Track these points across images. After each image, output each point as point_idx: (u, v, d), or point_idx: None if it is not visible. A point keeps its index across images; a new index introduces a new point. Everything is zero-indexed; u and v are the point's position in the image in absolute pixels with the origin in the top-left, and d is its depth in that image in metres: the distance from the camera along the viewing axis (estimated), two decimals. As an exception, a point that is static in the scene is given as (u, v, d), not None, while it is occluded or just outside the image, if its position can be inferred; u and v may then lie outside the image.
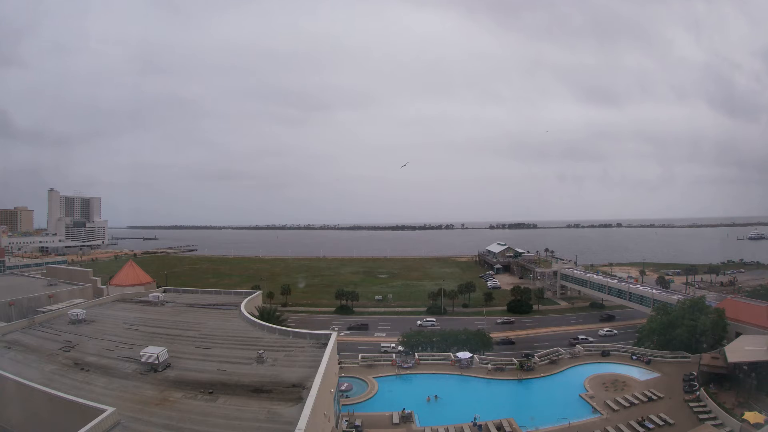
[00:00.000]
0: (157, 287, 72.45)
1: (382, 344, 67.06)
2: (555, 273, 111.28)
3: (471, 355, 56.43)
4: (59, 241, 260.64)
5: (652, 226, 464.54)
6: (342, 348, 54.70)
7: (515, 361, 55.41)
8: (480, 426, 40.27)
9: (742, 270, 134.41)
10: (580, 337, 69.53)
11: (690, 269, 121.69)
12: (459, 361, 55.28)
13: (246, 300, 56.59)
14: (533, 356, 56.93)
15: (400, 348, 62.47)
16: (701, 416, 40.85)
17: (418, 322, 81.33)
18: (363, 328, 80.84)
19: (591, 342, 65.87)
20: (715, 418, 40.20)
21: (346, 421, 40.00)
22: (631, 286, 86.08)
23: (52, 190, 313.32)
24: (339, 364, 47.11)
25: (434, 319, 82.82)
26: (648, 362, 54.84)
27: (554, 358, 57.27)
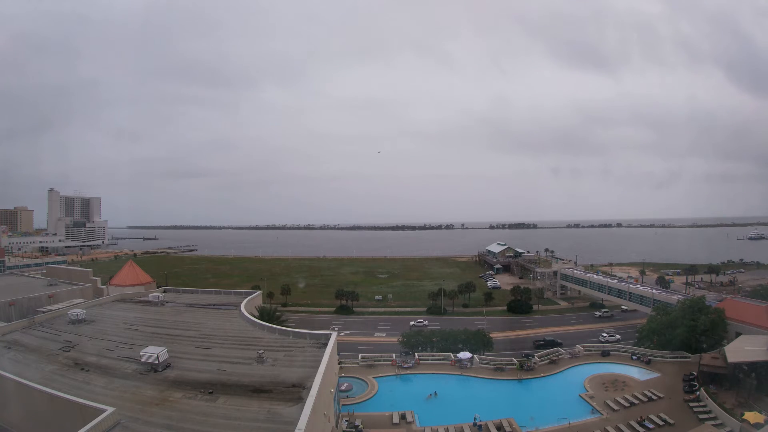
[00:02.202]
0: (157, 287, 72.51)
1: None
2: (555, 273, 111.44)
3: (471, 355, 56.44)
4: (59, 241, 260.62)
5: (652, 226, 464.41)
6: (342, 348, 54.69)
7: (515, 361, 55.45)
8: (480, 426, 40.25)
9: (742, 270, 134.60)
10: (547, 338, 68.38)
11: (690, 269, 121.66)
12: (459, 361, 55.31)
13: (246, 300, 56.68)
14: (533, 356, 56.96)
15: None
16: (701, 416, 40.83)
17: (411, 322, 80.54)
18: None
19: (560, 344, 63.18)
20: (715, 418, 40.19)
21: (346, 421, 39.99)
22: (631, 286, 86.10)
23: (52, 190, 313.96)
24: (339, 364, 47.17)
25: (426, 320, 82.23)
26: (648, 362, 54.83)
27: (554, 358, 57.28)
